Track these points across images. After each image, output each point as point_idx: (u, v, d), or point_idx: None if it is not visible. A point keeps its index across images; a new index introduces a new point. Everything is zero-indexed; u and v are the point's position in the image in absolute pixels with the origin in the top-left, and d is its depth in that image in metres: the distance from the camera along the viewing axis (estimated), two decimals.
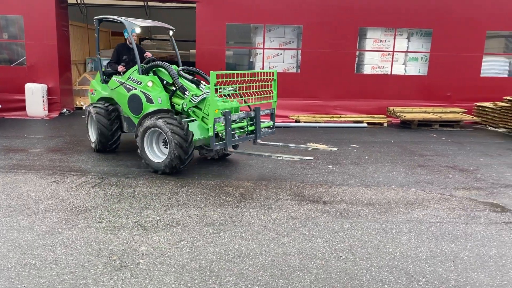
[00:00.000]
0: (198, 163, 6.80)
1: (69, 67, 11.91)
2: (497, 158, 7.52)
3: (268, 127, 6.48)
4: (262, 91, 6.12)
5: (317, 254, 3.77)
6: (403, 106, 11.23)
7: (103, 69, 7.26)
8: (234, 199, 5.12)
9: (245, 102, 6.18)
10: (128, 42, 7.09)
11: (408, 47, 11.62)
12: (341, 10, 11.14)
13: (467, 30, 11.23)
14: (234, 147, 6.16)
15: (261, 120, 6.24)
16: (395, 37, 11.43)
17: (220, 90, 5.61)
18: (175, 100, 6.28)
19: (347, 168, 6.70)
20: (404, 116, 10.46)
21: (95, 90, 7.33)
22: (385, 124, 10.86)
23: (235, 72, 5.67)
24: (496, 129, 10.48)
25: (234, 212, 4.72)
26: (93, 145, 7.17)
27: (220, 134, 5.77)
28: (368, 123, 10.74)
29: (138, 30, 6.92)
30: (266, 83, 6.18)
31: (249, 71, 5.87)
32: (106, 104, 6.95)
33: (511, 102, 9.84)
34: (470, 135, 9.81)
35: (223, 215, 4.62)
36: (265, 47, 11.51)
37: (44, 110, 10.79)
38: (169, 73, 6.21)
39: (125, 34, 6.98)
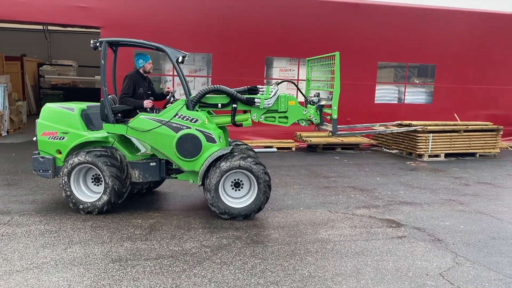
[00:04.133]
0: None
1: None
2: (391, 178, 8.24)
3: None
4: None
5: (229, 282, 3.75)
6: (309, 131, 11.87)
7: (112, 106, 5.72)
8: (143, 231, 4.92)
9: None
10: (142, 72, 6.23)
11: None
12: (247, 40, 11.59)
13: (361, 61, 12.36)
14: None
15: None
16: (298, 66, 12.15)
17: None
18: (239, 118, 5.82)
19: None
20: (310, 141, 11.06)
21: (65, 133, 5.66)
22: (294, 148, 11.36)
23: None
24: (390, 151, 11.54)
25: (143, 245, 4.52)
26: (96, 204, 5.47)
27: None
28: (278, 148, 11.14)
29: (180, 59, 5.93)
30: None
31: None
32: (105, 148, 5.61)
33: (401, 126, 10.93)
34: (368, 156, 10.66)
35: (131, 249, 4.40)
36: (174, 74, 11.47)
37: None
38: (225, 92, 5.66)
39: (138, 64, 6.18)
